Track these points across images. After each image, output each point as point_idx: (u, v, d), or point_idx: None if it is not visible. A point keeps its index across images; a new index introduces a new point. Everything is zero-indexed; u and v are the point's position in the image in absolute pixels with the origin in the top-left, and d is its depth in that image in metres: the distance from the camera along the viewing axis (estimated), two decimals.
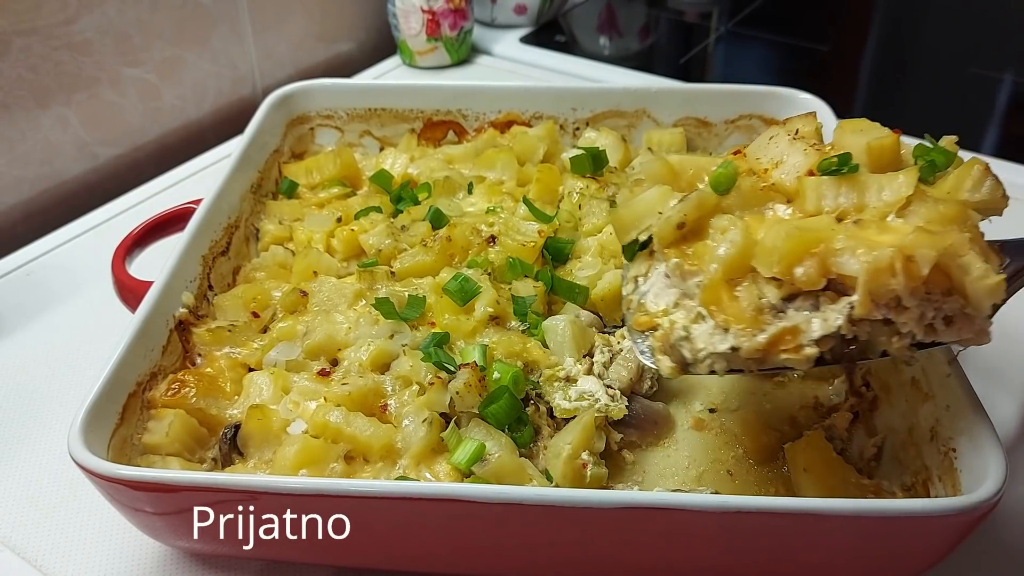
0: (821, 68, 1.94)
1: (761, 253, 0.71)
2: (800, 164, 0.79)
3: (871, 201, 0.74)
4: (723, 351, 0.72)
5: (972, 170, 0.76)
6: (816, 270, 0.69)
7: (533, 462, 0.85)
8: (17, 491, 0.94)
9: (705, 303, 0.73)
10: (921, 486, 0.83)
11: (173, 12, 1.52)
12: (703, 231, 0.77)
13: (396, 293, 1.00)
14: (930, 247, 0.66)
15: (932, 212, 0.71)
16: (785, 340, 0.70)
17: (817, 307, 0.71)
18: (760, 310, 0.71)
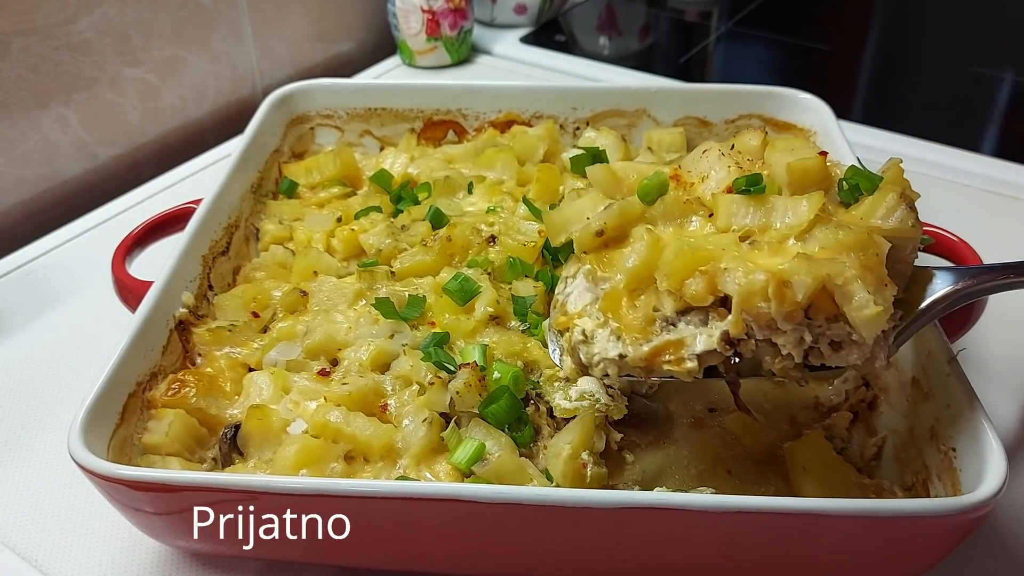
0: (821, 68, 1.94)
1: (660, 266, 0.75)
2: (722, 180, 0.81)
3: (776, 223, 0.76)
4: (613, 357, 0.76)
5: (886, 197, 0.75)
6: (704, 287, 0.72)
7: (533, 462, 0.85)
8: (17, 491, 0.94)
9: (603, 309, 0.78)
10: (921, 486, 0.83)
11: (173, 12, 1.52)
12: (625, 239, 0.80)
13: (396, 293, 1.00)
14: (807, 274, 0.68)
15: (831, 238, 0.72)
16: (668, 352, 0.74)
17: (706, 322, 0.74)
18: (651, 321, 0.75)
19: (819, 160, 0.78)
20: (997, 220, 1.35)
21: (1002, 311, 1.01)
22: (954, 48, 2.00)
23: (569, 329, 0.81)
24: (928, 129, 1.54)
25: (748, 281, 0.70)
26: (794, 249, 0.73)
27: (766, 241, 0.74)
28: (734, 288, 0.70)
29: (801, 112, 1.25)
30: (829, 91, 1.28)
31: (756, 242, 0.74)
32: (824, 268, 0.69)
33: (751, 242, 0.74)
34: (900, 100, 1.77)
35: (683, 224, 0.80)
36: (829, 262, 0.70)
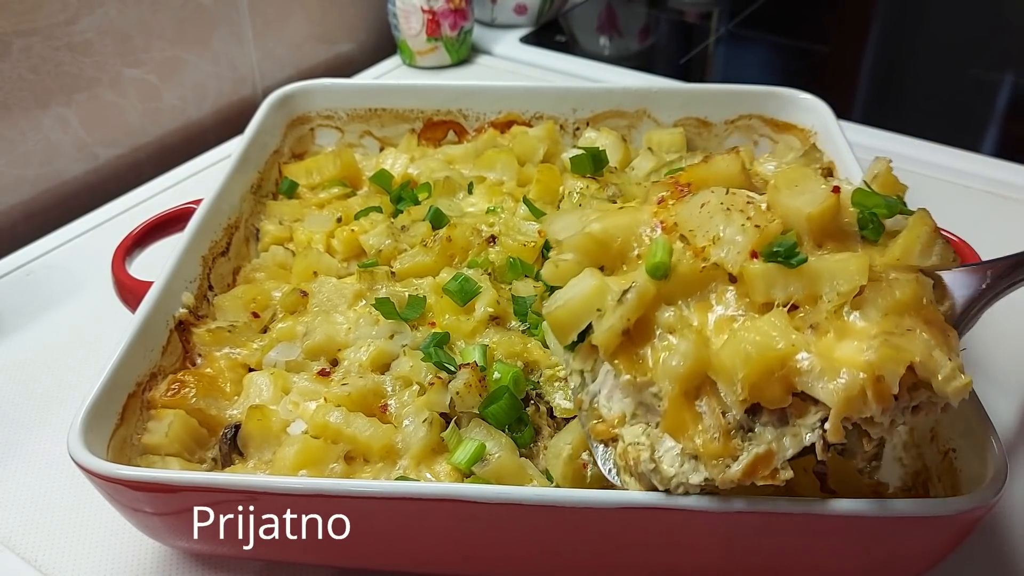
0: (821, 69, 1.94)
1: (721, 373, 0.68)
2: (741, 243, 0.72)
3: (824, 292, 0.70)
4: (698, 483, 0.68)
5: (920, 233, 0.72)
6: (781, 390, 0.67)
7: (533, 462, 0.85)
8: (17, 491, 0.94)
9: (670, 431, 0.70)
10: (921, 486, 0.83)
11: (173, 13, 1.52)
12: (648, 328, 0.73)
13: (396, 293, 1.00)
14: (897, 363, 0.65)
15: (888, 301, 0.68)
16: (760, 468, 0.68)
17: (785, 420, 0.68)
18: (727, 433, 0.68)
19: (834, 200, 0.73)
20: (997, 220, 1.35)
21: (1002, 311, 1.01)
22: (954, 49, 2.01)
23: (615, 439, 0.74)
24: (928, 129, 1.54)
25: (845, 386, 0.64)
26: (863, 327, 0.67)
27: (825, 321, 0.68)
28: (828, 396, 0.65)
29: (801, 112, 1.25)
30: (829, 92, 1.28)
31: (818, 326, 0.68)
32: (908, 350, 0.65)
33: (812, 325, 0.68)
34: (900, 100, 1.77)
35: (705, 296, 0.73)
36: (909, 339, 0.66)
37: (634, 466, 0.71)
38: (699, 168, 0.81)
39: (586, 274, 0.74)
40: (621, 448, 0.73)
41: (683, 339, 0.70)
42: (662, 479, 0.69)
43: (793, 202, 0.73)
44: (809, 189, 0.74)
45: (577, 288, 0.74)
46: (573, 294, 0.74)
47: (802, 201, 0.73)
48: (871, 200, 0.74)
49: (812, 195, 0.73)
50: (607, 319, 0.71)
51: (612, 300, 0.72)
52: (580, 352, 0.78)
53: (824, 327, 0.68)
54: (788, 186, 0.74)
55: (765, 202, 0.75)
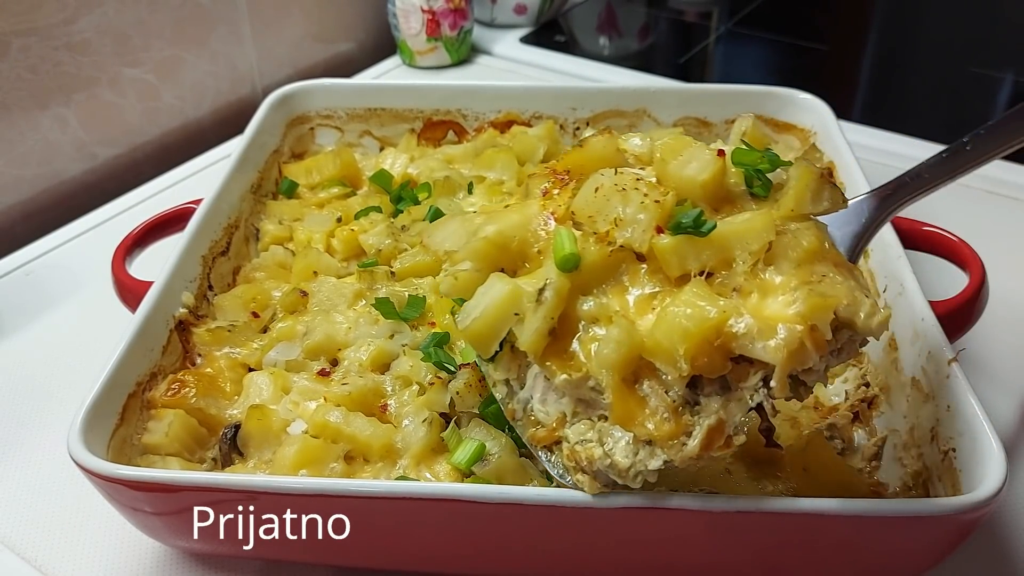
0: (821, 68, 1.94)
1: (658, 352, 0.67)
2: (644, 221, 0.70)
3: (736, 255, 0.70)
4: (657, 468, 0.68)
5: (809, 182, 0.72)
6: (721, 358, 0.67)
7: (533, 462, 0.85)
8: (17, 491, 0.94)
9: (619, 422, 0.69)
10: (921, 486, 0.83)
11: (172, 12, 1.52)
12: (570, 322, 0.71)
13: (396, 293, 1.00)
14: (826, 310, 0.66)
15: (798, 252, 0.69)
16: (715, 439, 0.67)
17: (727, 386, 0.68)
18: (676, 411, 0.68)
19: (721, 163, 0.73)
20: (997, 220, 1.35)
21: (1002, 311, 1.01)
22: (954, 48, 2.01)
23: (558, 442, 0.73)
24: (928, 129, 1.53)
25: (786, 342, 0.65)
26: (782, 282, 0.68)
27: (745, 283, 0.69)
28: (770, 354, 0.65)
29: (801, 112, 1.25)
30: (829, 91, 1.28)
31: (741, 289, 0.68)
32: (833, 295, 0.67)
33: (736, 290, 0.69)
34: (900, 100, 1.77)
35: (618, 280, 0.72)
36: (829, 285, 0.67)
37: (588, 465, 0.70)
38: (574, 154, 0.79)
39: (493, 280, 0.72)
40: (567, 449, 0.72)
41: (612, 326, 0.69)
42: (619, 472, 0.69)
43: (683, 172, 0.73)
44: (695, 156, 0.73)
45: (488, 296, 0.71)
46: (486, 303, 0.71)
47: (692, 169, 0.73)
48: (751, 157, 0.74)
49: (700, 162, 0.73)
50: (530, 322, 0.69)
51: (528, 301, 0.70)
52: (501, 361, 0.75)
53: (746, 288, 0.69)
54: (673, 156, 0.74)
55: (653, 176, 0.75)
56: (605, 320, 0.70)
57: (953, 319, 0.92)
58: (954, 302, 0.93)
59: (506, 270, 0.74)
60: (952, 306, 0.93)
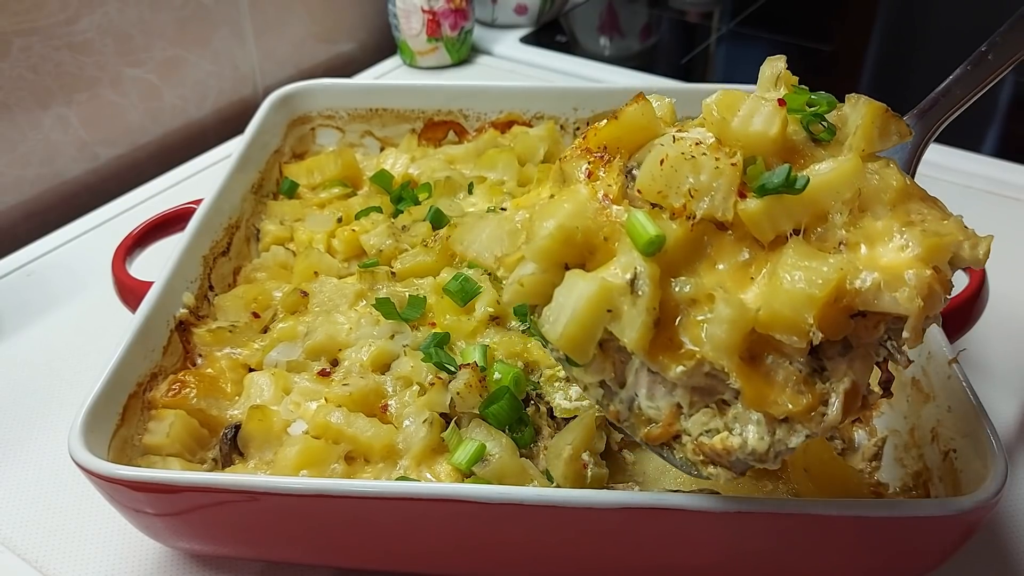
0: (824, 68, 1.94)
1: (778, 323, 0.62)
2: (724, 187, 0.65)
3: (831, 206, 0.66)
4: (799, 444, 0.63)
5: (876, 118, 0.68)
6: (844, 319, 0.62)
7: (534, 462, 0.85)
8: (17, 491, 0.94)
9: (754, 405, 0.64)
10: (922, 487, 0.83)
11: (174, 12, 1.52)
12: (668, 309, 0.65)
13: (397, 293, 1.00)
14: (943, 249, 0.63)
15: (890, 194, 0.65)
16: (853, 402, 0.63)
17: (848, 346, 0.64)
18: (808, 382, 0.64)
19: (785, 112, 0.69)
20: (997, 220, 1.35)
21: (1002, 311, 1.01)
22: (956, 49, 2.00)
23: (677, 436, 0.68)
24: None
25: (918, 288, 0.61)
26: (884, 226, 0.65)
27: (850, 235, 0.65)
28: (905, 303, 0.61)
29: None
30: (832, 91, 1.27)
31: (847, 242, 0.64)
32: (945, 233, 0.63)
33: (843, 244, 0.64)
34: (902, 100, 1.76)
35: (705, 255, 0.67)
36: (933, 223, 0.64)
37: (724, 456, 0.65)
38: (609, 128, 0.72)
39: (573, 279, 0.66)
40: (691, 444, 0.67)
41: (719, 305, 0.63)
42: (759, 457, 0.64)
43: (749, 128, 0.68)
44: (755, 110, 0.69)
45: (574, 298, 0.65)
46: (574, 305, 0.65)
47: (759, 124, 0.68)
48: (801, 98, 0.71)
49: (764, 115, 0.68)
50: (630, 318, 0.64)
51: (621, 295, 0.64)
52: (593, 362, 0.69)
53: (852, 240, 0.64)
54: (731, 112, 0.69)
55: (711, 136, 0.69)
56: (705, 300, 0.65)
57: (953, 319, 0.92)
58: (954, 302, 0.93)
59: (571, 265, 0.68)
60: (952, 306, 0.93)
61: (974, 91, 0.79)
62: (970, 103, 0.79)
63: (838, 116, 0.71)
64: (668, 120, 0.75)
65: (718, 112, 0.69)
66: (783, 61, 0.75)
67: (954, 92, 0.80)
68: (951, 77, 0.81)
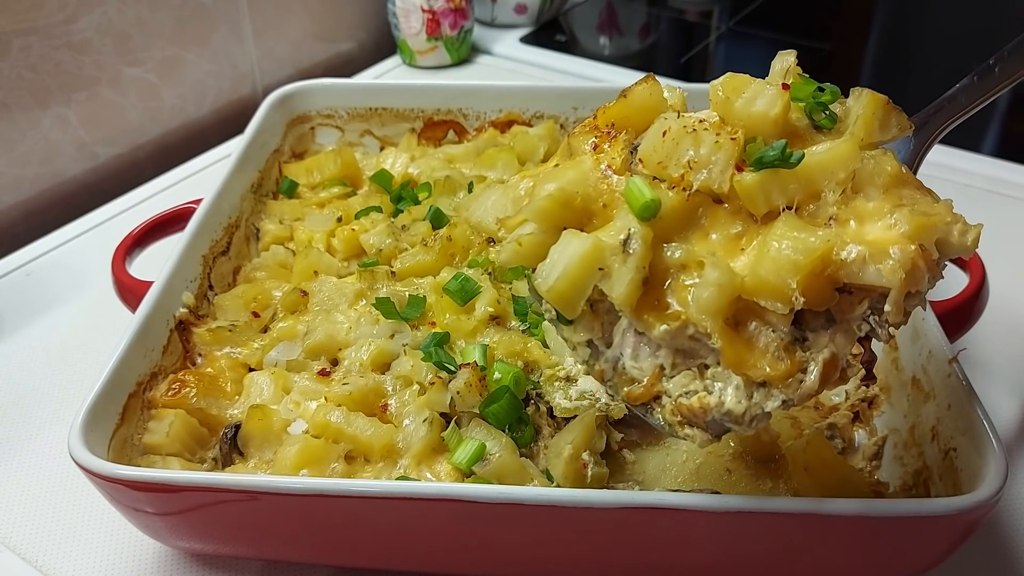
0: (823, 67, 1.94)
1: (763, 289, 0.64)
2: (723, 160, 0.67)
3: (823, 184, 0.67)
4: (774, 408, 0.65)
5: (877, 109, 0.70)
6: (829, 289, 0.64)
7: (534, 462, 0.85)
8: (17, 491, 0.94)
9: (732, 366, 0.65)
10: (922, 486, 0.83)
11: (173, 11, 1.52)
12: (658, 272, 0.67)
13: (397, 293, 1.00)
14: (931, 229, 0.64)
15: (884, 178, 0.66)
16: (831, 372, 0.65)
17: (832, 319, 0.66)
18: (787, 349, 0.65)
19: (788, 95, 0.71)
20: (997, 220, 1.35)
21: (1002, 311, 1.01)
22: (955, 47, 2.00)
23: (657, 397, 0.70)
24: None
25: (901, 262, 0.62)
26: (875, 207, 0.66)
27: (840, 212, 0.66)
28: (887, 275, 0.62)
29: None
30: None
31: (837, 218, 0.66)
32: (935, 214, 0.64)
33: (833, 219, 0.66)
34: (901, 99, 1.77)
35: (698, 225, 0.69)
36: (927, 205, 0.65)
37: (700, 416, 0.67)
38: (617, 106, 0.74)
39: (568, 237, 0.67)
40: (670, 405, 0.69)
41: (709, 268, 0.65)
42: (735, 418, 0.66)
43: (752, 108, 0.70)
44: (759, 93, 0.71)
45: (568, 253, 0.67)
46: (567, 260, 0.67)
47: (761, 105, 0.70)
48: (808, 88, 0.72)
49: (767, 97, 0.70)
50: (620, 275, 0.65)
51: (613, 254, 0.66)
52: (581, 321, 0.71)
53: (842, 217, 0.66)
54: (737, 94, 0.71)
55: (715, 116, 0.71)
56: (695, 266, 0.67)
57: (953, 319, 0.92)
58: (954, 302, 0.93)
59: (569, 228, 0.69)
60: (952, 306, 0.93)
61: (978, 101, 0.81)
62: (972, 112, 0.81)
63: (842, 109, 0.73)
64: (678, 107, 0.75)
65: (723, 92, 0.71)
66: (793, 55, 0.77)
67: (959, 100, 0.82)
68: (958, 85, 0.82)
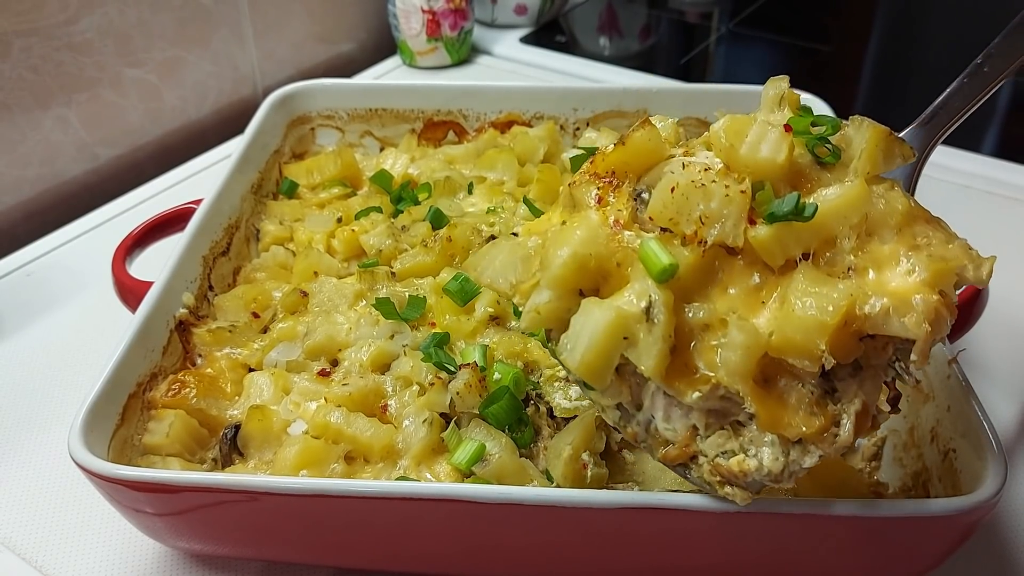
0: (823, 68, 1.94)
1: (790, 347, 0.64)
2: (735, 214, 0.67)
3: (839, 233, 0.68)
4: (812, 464, 0.65)
5: (879, 141, 0.69)
6: (855, 342, 0.65)
7: (533, 462, 0.85)
8: (17, 491, 0.94)
9: (769, 427, 0.65)
10: (921, 487, 0.83)
11: (174, 13, 1.52)
12: (683, 334, 0.67)
13: (396, 293, 1.00)
14: (948, 274, 0.65)
15: (895, 218, 0.67)
16: (863, 423, 0.66)
17: (858, 367, 0.67)
18: (820, 404, 0.66)
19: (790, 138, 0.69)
20: (997, 220, 1.35)
21: (1002, 311, 1.01)
22: (956, 48, 2.00)
23: (694, 457, 0.69)
24: None
25: (925, 312, 0.63)
26: (891, 250, 0.67)
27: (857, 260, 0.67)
28: (913, 327, 0.63)
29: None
30: (831, 92, 1.28)
31: (856, 267, 0.66)
32: (950, 257, 0.65)
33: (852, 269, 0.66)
34: (902, 100, 1.77)
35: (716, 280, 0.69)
36: (939, 247, 0.66)
37: (740, 477, 0.67)
38: (616, 153, 0.73)
39: (589, 307, 0.67)
40: (707, 465, 0.69)
41: (733, 330, 0.65)
42: (774, 477, 0.66)
43: (758, 155, 0.69)
44: (763, 137, 0.69)
45: (591, 326, 0.67)
46: (591, 334, 0.66)
47: (767, 151, 0.69)
48: (806, 122, 0.72)
49: (772, 142, 0.69)
50: (647, 346, 0.65)
51: (636, 323, 0.66)
52: (610, 386, 0.70)
53: (860, 266, 0.66)
54: (739, 139, 0.70)
55: (719, 161, 0.71)
56: (718, 325, 0.67)
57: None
58: None
59: (586, 291, 0.70)
60: None
61: (972, 102, 0.80)
62: (969, 114, 0.80)
63: (842, 137, 0.73)
64: (672, 141, 0.76)
65: (726, 139, 0.70)
66: (786, 81, 0.75)
67: (952, 104, 0.81)
68: (948, 89, 0.81)
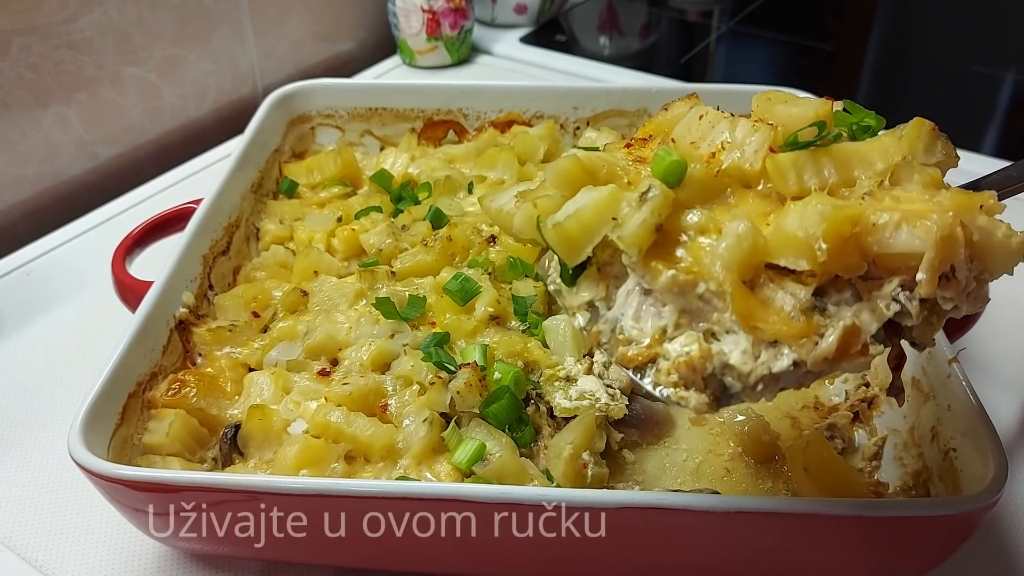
0: (824, 67, 1.94)
1: (787, 245, 0.61)
2: (756, 142, 0.66)
3: (860, 172, 0.65)
4: (784, 369, 0.61)
5: (921, 132, 0.68)
6: (858, 255, 0.60)
7: (534, 462, 0.85)
8: (17, 491, 0.94)
9: (741, 316, 0.61)
10: (921, 486, 0.83)
11: (174, 11, 1.52)
12: (674, 233, 0.65)
13: (397, 293, 1.00)
14: (972, 209, 0.61)
15: (924, 177, 0.64)
16: (851, 342, 0.61)
17: (858, 297, 0.62)
18: (806, 312, 0.61)
19: (830, 107, 0.69)
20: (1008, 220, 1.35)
21: (1002, 311, 1.01)
22: (956, 47, 2.00)
23: (653, 360, 0.66)
24: None
25: (939, 225, 0.58)
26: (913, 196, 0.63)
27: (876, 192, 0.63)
28: (922, 238, 0.59)
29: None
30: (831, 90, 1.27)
31: (872, 194, 0.62)
32: (977, 196, 0.61)
33: (868, 194, 0.63)
34: (902, 99, 1.77)
35: (723, 201, 0.66)
36: (975, 194, 0.62)
37: (700, 367, 0.63)
38: (657, 119, 0.75)
39: (585, 189, 0.66)
40: (666, 366, 0.64)
41: (733, 221, 0.62)
42: (738, 375, 0.62)
43: (792, 111, 0.69)
44: (800, 103, 0.70)
45: (582, 200, 0.65)
46: (583, 203, 0.64)
47: (801, 109, 0.69)
48: (857, 115, 0.71)
49: (808, 105, 0.69)
50: (635, 216, 0.63)
51: (629, 205, 0.63)
52: (586, 280, 0.69)
53: (879, 195, 0.63)
54: (780, 100, 0.70)
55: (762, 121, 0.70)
56: (714, 230, 0.64)
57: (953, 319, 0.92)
58: None
59: None
60: None
61: None
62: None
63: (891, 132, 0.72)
64: None
65: (768, 95, 0.71)
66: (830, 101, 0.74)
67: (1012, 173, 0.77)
68: None
